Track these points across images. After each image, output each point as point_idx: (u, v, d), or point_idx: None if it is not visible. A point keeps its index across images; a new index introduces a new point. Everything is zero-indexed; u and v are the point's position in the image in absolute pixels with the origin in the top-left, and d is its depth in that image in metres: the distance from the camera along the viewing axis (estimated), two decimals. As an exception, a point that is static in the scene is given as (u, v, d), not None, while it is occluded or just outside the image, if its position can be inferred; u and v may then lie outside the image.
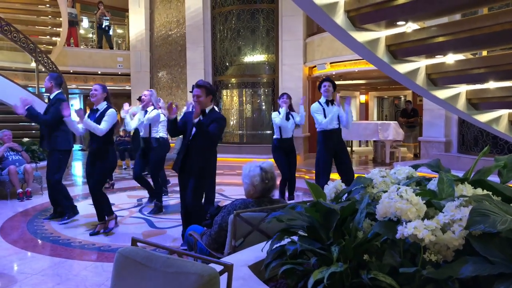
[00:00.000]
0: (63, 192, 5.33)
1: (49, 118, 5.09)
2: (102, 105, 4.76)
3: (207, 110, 4.13)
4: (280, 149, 5.91)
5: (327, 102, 5.48)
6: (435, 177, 1.58)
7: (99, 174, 4.76)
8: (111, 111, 4.73)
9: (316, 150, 5.66)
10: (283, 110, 5.87)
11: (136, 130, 6.87)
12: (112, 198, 6.68)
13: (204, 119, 3.99)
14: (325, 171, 5.44)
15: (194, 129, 4.02)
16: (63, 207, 5.37)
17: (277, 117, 5.85)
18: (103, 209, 4.86)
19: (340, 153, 5.53)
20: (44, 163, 7.53)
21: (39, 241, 4.60)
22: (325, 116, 5.40)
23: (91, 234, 4.75)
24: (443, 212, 1.31)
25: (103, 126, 4.63)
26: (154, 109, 5.96)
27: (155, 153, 5.97)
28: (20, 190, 6.54)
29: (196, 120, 3.90)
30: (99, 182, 4.82)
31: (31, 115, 4.99)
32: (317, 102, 5.59)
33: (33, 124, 9.43)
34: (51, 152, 5.30)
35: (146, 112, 5.94)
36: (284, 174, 5.90)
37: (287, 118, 5.84)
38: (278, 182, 2.88)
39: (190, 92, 6.00)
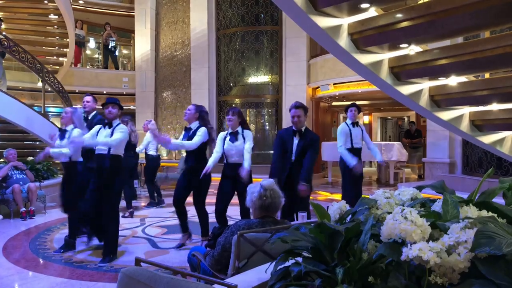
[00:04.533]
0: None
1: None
2: (195, 124, 4.92)
3: (302, 130, 4.49)
4: (226, 176, 4.82)
5: (353, 124, 5.99)
6: (440, 199, 1.58)
7: (200, 192, 4.85)
8: (203, 129, 4.84)
9: (340, 165, 5.96)
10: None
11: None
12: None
13: (303, 139, 4.41)
14: (353, 185, 5.78)
15: (295, 150, 4.41)
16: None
17: (219, 140, 4.86)
18: (206, 224, 4.97)
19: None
20: (47, 182, 7.57)
21: (41, 261, 4.58)
22: (351, 135, 5.86)
23: (178, 247, 4.95)
24: (448, 234, 1.31)
25: (194, 140, 4.74)
26: (74, 128, 4.95)
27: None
28: (23, 209, 6.53)
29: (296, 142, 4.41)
30: (202, 201, 4.95)
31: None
32: (344, 123, 6.04)
33: (37, 142, 9.51)
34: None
35: (66, 132, 4.99)
36: (217, 205, 4.77)
37: (234, 140, 4.76)
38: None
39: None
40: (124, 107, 14.39)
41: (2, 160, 7.57)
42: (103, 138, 4.47)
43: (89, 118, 5.40)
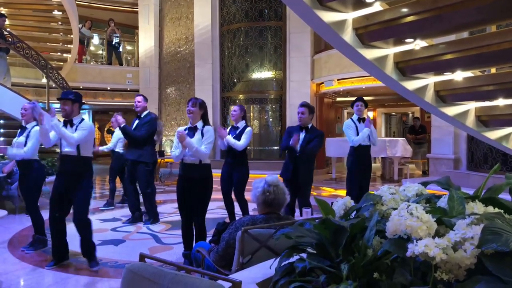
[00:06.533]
0: (152, 199, 6.06)
1: (144, 134, 5.76)
2: (242, 124, 5.35)
3: (309, 127, 4.96)
4: (180, 177, 4.22)
5: (359, 120, 5.78)
6: (445, 195, 1.57)
7: (240, 183, 5.18)
8: (249, 129, 5.36)
9: (347, 163, 5.83)
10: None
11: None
12: (120, 212, 6.70)
13: (308, 133, 4.90)
14: (356, 183, 5.63)
15: (301, 142, 4.82)
16: (149, 212, 6.03)
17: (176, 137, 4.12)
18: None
19: (368, 169, 5.80)
20: (52, 178, 7.58)
21: (46, 256, 4.60)
22: (357, 133, 5.65)
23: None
24: (454, 230, 1.30)
25: (242, 142, 5.17)
26: (35, 125, 4.71)
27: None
28: (28, 205, 6.55)
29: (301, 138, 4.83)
30: (242, 191, 5.23)
31: (125, 131, 5.68)
32: (350, 119, 5.86)
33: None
34: (137, 164, 5.84)
35: (25, 129, 4.88)
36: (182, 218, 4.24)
37: (191, 135, 4.10)
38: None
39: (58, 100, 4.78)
40: (128, 103, 14.24)
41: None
42: (69, 133, 3.99)
43: (142, 117, 5.85)
